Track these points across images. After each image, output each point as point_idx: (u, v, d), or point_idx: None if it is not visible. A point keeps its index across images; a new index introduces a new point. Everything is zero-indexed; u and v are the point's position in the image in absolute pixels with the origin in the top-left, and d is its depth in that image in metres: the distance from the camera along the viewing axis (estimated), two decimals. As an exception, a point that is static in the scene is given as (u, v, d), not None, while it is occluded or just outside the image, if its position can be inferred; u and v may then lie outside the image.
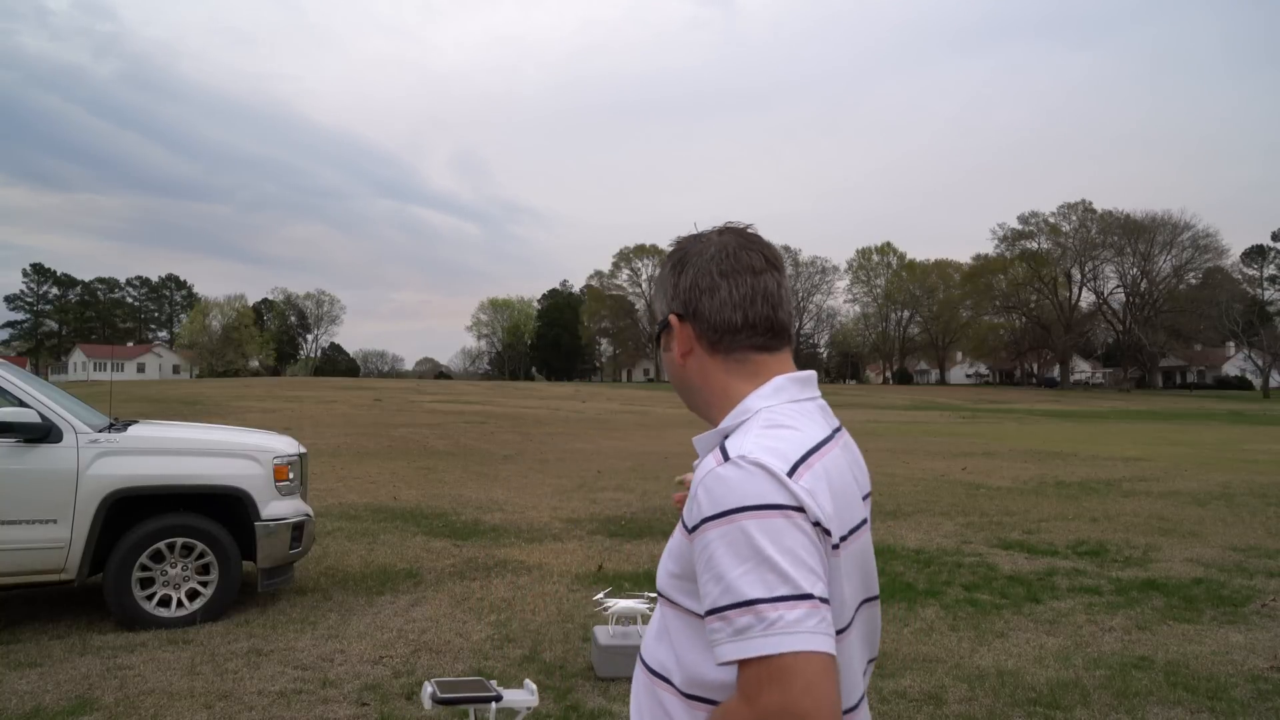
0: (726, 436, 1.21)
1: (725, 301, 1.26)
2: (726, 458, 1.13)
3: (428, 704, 3.34)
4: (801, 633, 1.02)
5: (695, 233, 1.35)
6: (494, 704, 3.37)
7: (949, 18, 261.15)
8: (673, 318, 1.30)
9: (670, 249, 1.37)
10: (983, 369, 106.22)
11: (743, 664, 1.04)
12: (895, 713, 4.17)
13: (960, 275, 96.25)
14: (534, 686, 3.58)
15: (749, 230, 1.34)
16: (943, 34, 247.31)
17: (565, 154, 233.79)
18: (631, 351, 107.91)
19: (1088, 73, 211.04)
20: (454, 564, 7.38)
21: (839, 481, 1.18)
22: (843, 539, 1.15)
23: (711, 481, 1.11)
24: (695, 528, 1.12)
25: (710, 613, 1.07)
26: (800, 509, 1.08)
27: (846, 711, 1.19)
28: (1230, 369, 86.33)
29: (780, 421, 1.21)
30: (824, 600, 1.05)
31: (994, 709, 4.23)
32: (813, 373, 1.37)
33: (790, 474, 1.11)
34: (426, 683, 3.50)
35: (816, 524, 1.09)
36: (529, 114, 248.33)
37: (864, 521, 1.24)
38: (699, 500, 1.12)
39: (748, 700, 1.03)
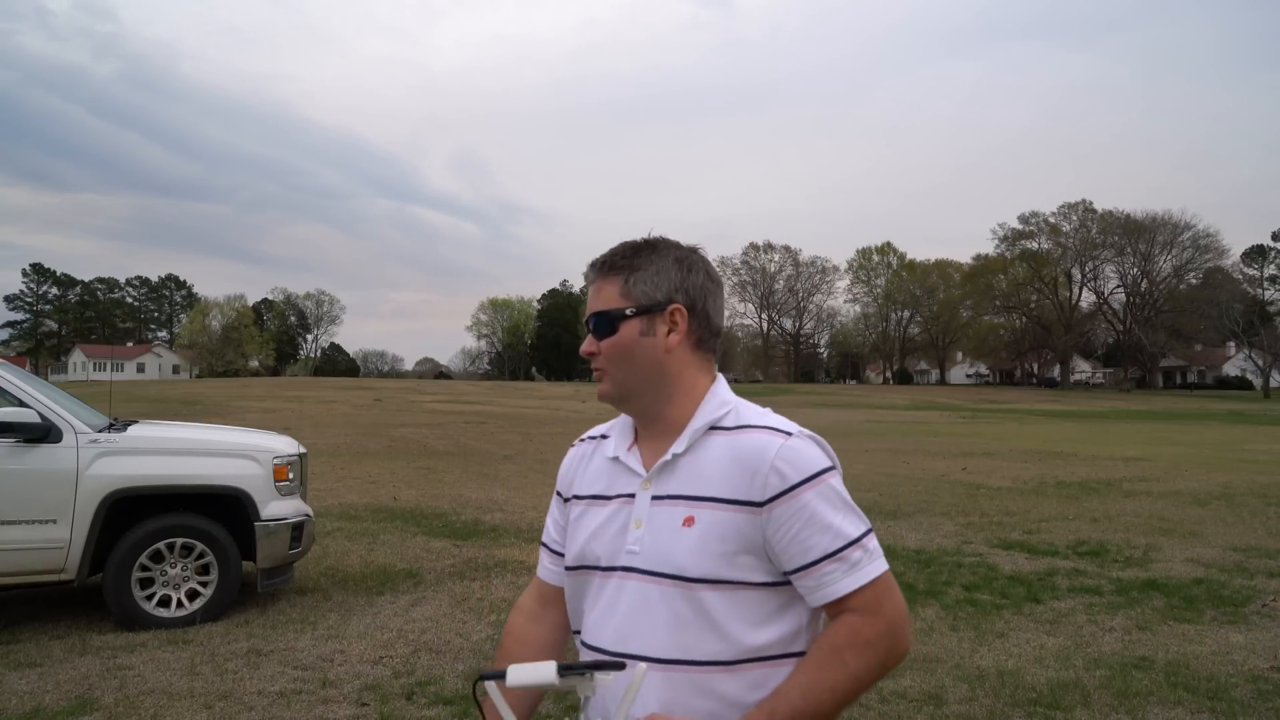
0: (717, 423, 1.40)
1: (717, 307, 1.47)
2: (782, 433, 1.35)
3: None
4: (883, 555, 1.36)
5: (666, 238, 1.48)
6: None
7: (948, 18, 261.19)
8: (681, 308, 1.41)
9: (659, 242, 1.46)
10: (983, 369, 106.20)
11: (861, 588, 1.31)
12: (895, 713, 4.17)
13: (960, 275, 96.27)
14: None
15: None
16: (942, 34, 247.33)
17: (565, 154, 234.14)
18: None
19: (1088, 72, 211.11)
20: (454, 564, 7.37)
21: None
22: None
23: (790, 454, 1.33)
24: (782, 494, 1.32)
25: (824, 558, 1.31)
26: (837, 465, 1.39)
27: None
28: (1230, 369, 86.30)
29: (762, 408, 1.45)
30: None
31: (994, 709, 4.23)
32: None
33: None
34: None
35: None
36: (529, 114, 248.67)
37: None
38: (781, 472, 1.32)
39: (874, 613, 1.31)
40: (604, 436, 1.56)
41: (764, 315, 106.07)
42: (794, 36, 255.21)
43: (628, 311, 1.40)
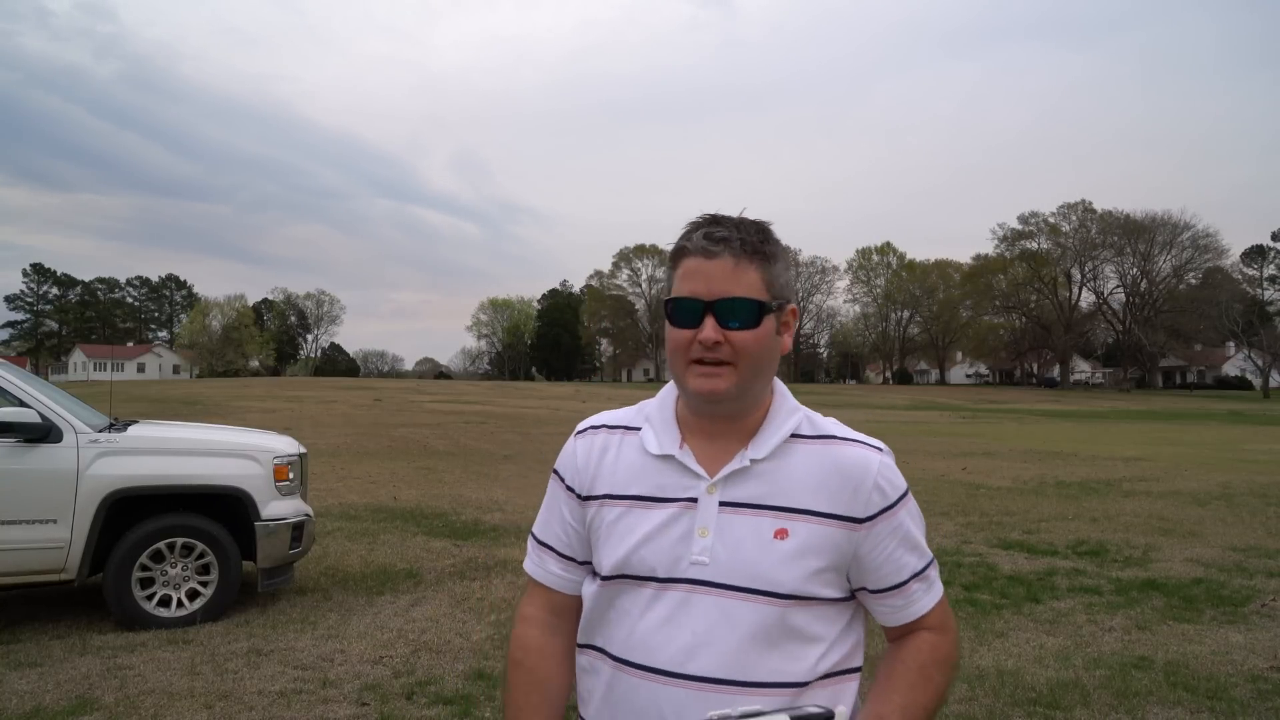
0: (796, 430, 1.33)
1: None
2: (875, 449, 1.33)
3: None
4: None
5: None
6: None
7: (949, 18, 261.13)
8: (795, 309, 1.36)
9: (769, 226, 1.31)
10: (983, 369, 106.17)
11: (935, 606, 1.34)
12: (895, 713, 4.17)
13: (960, 275, 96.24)
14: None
15: None
16: (942, 34, 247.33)
17: (565, 154, 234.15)
18: (631, 351, 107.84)
19: (1088, 72, 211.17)
20: (454, 564, 7.38)
21: None
22: None
23: (888, 471, 1.31)
24: (884, 511, 1.29)
25: (913, 577, 1.32)
26: None
27: None
28: (1230, 369, 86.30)
29: (824, 415, 1.41)
30: None
31: (994, 709, 4.23)
32: None
33: None
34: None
35: None
36: (529, 114, 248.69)
37: None
38: (883, 489, 1.29)
39: (946, 629, 1.35)
40: (629, 428, 1.40)
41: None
42: (794, 37, 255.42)
43: (772, 305, 1.27)
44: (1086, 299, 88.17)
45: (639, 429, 1.38)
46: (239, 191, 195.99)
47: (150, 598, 5.49)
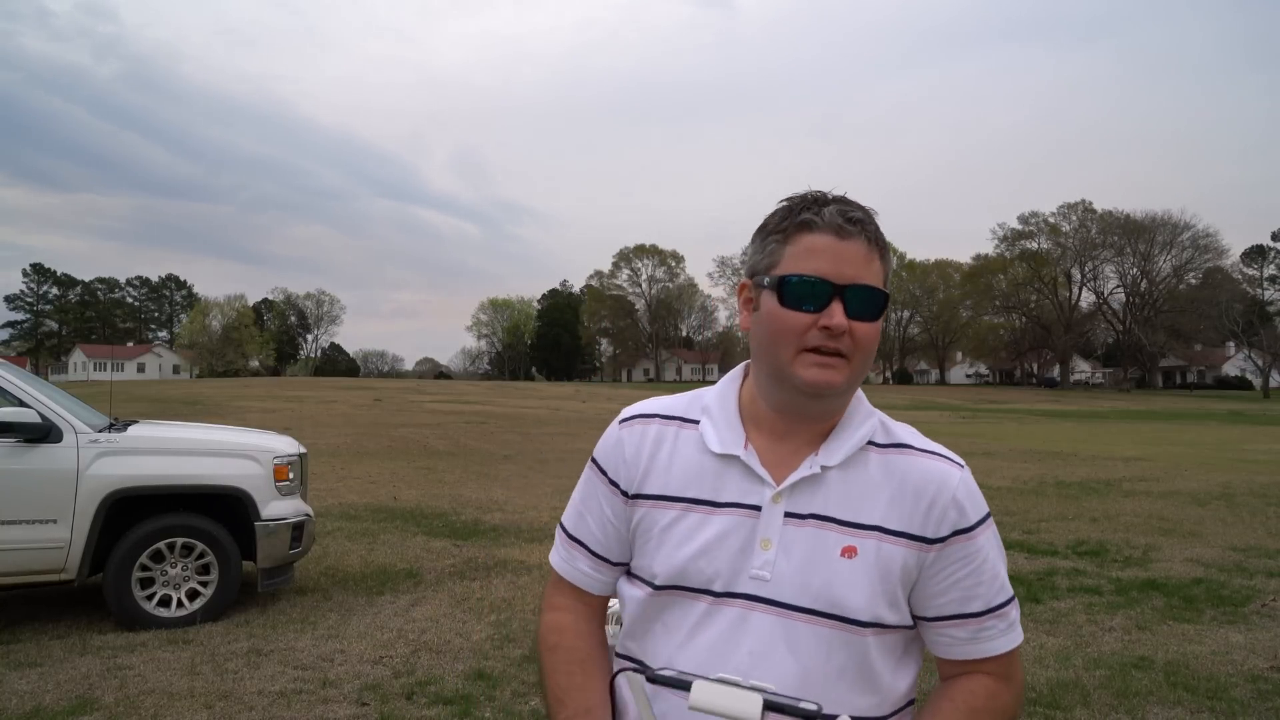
0: (870, 437, 1.22)
1: None
2: (956, 463, 1.20)
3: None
4: None
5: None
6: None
7: (947, 19, 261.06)
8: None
9: (874, 217, 1.20)
10: (983, 369, 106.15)
11: (1011, 651, 1.18)
12: (895, 713, 4.17)
13: (960, 275, 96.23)
14: None
15: None
16: (941, 34, 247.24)
17: (565, 154, 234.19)
18: (631, 351, 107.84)
19: (1088, 72, 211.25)
20: (454, 564, 7.37)
21: None
22: None
23: (969, 490, 1.18)
24: (958, 533, 1.16)
25: (988, 611, 1.17)
26: None
27: None
28: (1230, 369, 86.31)
29: (902, 423, 1.29)
30: None
31: (994, 709, 4.23)
32: None
33: None
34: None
35: None
36: (528, 115, 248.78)
37: None
38: (962, 508, 1.16)
39: (1010, 679, 1.19)
40: (686, 419, 1.26)
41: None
42: (793, 37, 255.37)
43: (889, 295, 1.18)
44: (1086, 299, 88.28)
45: (696, 422, 1.24)
46: (239, 191, 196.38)
47: (150, 598, 5.49)
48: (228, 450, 5.89)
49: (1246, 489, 12.66)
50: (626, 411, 1.32)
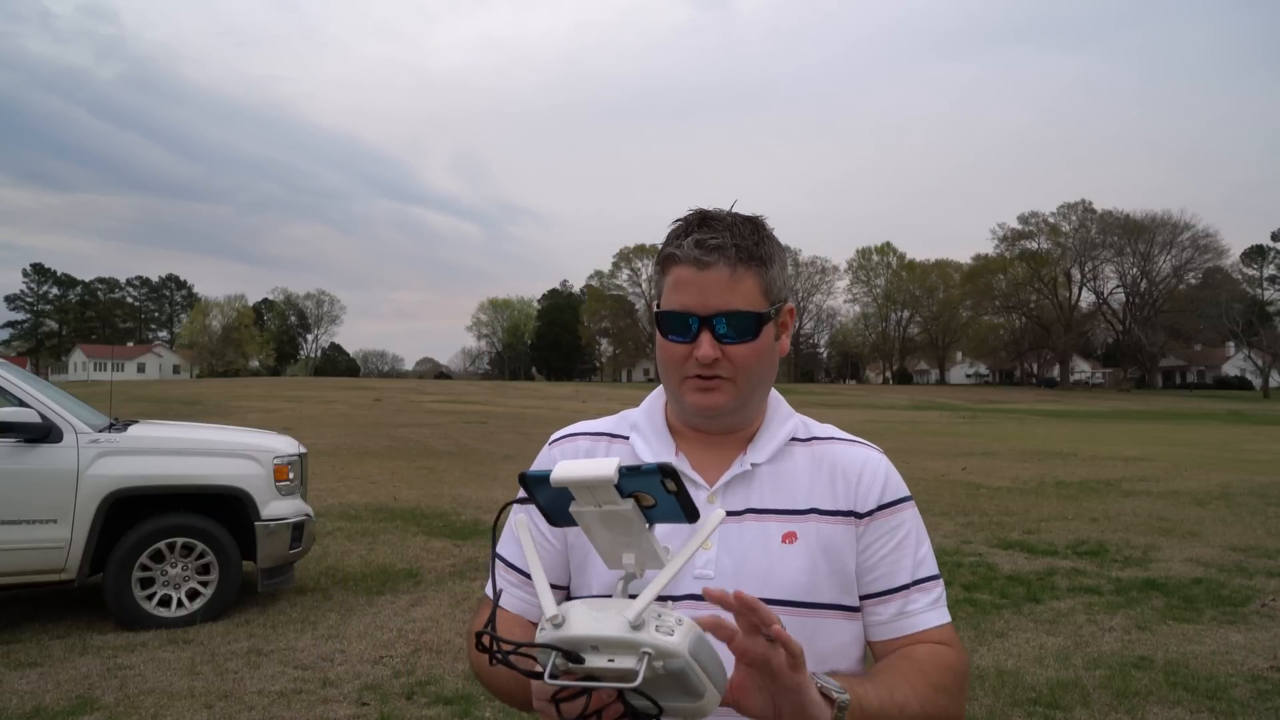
0: (793, 433, 1.26)
1: None
2: (876, 450, 1.27)
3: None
4: None
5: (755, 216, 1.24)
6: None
7: (946, 19, 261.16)
8: (792, 308, 1.25)
9: (760, 220, 1.20)
10: (983, 369, 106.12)
11: (943, 625, 1.20)
12: (895, 712, 4.17)
13: (960, 275, 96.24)
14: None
15: None
16: (940, 35, 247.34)
17: (564, 155, 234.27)
18: (631, 351, 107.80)
19: (1087, 72, 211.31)
20: (454, 564, 7.38)
21: None
22: None
23: (890, 471, 1.25)
24: (884, 507, 1.21)
25: (912, 584, 1.20)
26: None
27: None
28: (1230, 369, 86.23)
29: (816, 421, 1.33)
30: None
31: (994, 709, 4.23)
32: None
33: None
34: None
35: None
36: (528, 115, 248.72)
37: None
38: (889, 481, 1.23)
39: (950, 643, 1.20)
40: (615, 435, 1.30)
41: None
42: (791, 37, 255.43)
43: (770, 312, 1.17)
44: (1086, 299, 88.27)
45: (626, 438, 1.28)
46: (239, 192, 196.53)
47: (150, 598, 5.50)
48: (228, 450, 5.89)
49: (1246, 489, 12.66)
50: (556, 434, 1.35)
